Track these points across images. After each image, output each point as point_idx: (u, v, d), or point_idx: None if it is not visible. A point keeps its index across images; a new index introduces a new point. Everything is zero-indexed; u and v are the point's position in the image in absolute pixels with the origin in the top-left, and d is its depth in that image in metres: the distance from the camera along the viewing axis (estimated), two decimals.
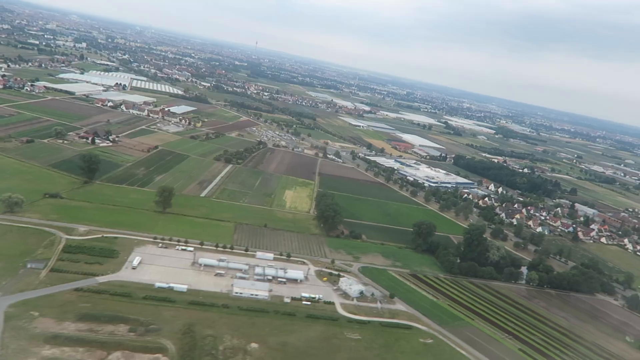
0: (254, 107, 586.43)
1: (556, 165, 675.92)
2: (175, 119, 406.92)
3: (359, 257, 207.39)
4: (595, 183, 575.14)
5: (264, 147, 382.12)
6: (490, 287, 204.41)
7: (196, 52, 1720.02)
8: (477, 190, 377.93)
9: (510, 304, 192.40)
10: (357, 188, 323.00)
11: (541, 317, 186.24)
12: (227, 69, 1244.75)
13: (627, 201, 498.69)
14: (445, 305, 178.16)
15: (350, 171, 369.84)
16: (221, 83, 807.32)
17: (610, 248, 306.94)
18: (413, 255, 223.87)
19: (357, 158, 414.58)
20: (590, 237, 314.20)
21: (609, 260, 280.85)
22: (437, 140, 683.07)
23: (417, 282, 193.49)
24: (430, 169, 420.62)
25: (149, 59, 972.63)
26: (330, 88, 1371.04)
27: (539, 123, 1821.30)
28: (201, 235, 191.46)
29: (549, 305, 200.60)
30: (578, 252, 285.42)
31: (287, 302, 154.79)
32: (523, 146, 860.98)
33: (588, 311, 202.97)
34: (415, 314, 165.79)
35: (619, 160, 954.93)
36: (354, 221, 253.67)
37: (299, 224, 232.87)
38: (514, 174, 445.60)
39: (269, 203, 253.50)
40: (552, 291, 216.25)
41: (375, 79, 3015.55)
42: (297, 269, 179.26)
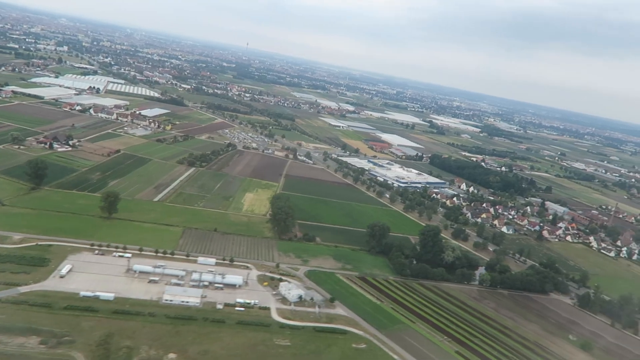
0: (231, 108, 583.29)
1: (537, 163, 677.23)
2: (144, 122, 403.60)
3: (308, 260, 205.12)
4: (574, 180, 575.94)
5: (233, 149, 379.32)
6: (440, 289, 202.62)
7: (184, 54, 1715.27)
8: (447, 190, 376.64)
9: (458, 305, 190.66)
10: (322, 189, 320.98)
11: (488, 318, 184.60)
12: (214, 71, 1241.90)
13: (603, 198, 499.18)
14: (388, 308, 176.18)
15: (319, 172, 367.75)
16: (203, 85, 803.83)
17: (575, 246, 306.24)
18: (366, 258, 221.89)
19: (329, 159, 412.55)
20: (556, 235, 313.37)
21: (571, 258, 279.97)
22: (418, 140, 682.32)
23: (364, 285, 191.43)
24: (402, 169, 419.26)
25: (131, 62, 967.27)
26: (317, 88, 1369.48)
27: (528, 121, 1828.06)
28: (145, 241, 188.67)
29: (498, 306, 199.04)
30: (541, 250, 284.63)
31: (220, 309, 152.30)
32: (506, 144, 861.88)
33: (538, 311, 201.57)
34: (354, 318, 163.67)
35: (603, 157, 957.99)
36: (312, 223, 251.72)
37: (252, 227, 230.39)
38: (488, 173, 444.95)
39: (225, 206, 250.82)
40: (505, 292, 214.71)
41: (368, 78, 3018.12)
42: (238, 273, 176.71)
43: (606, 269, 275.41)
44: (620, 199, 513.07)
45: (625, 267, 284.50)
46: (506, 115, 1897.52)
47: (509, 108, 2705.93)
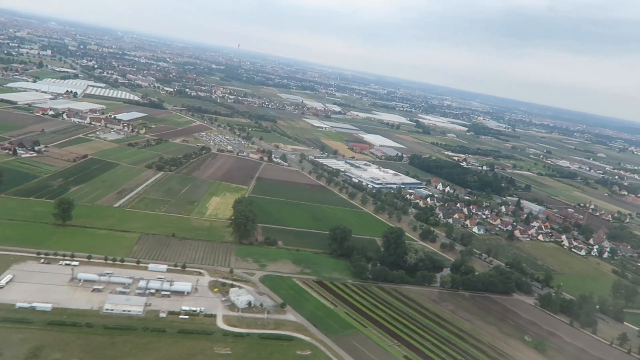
0: (212, 111, 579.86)
1: (521, 161, 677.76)
2: (118, 127, 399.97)
3: (266, 265, 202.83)
4: (556, 178, 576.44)
5: (206, 153, 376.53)
6: (399, 292, 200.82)
7: (173, 57, 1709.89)
8: (422, 191, 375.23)
9: (414, 308, 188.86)
10: (293, 192, 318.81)
11: (444, 321, 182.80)
12: (202, 73, 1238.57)
13: (583, 196, 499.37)
14: (341, 313, 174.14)
15: (293, 174, 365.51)
16: (187, 88, 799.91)
17: (546, 245, 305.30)
18: (328, 261, 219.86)
19: (305, 161, 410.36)
20: (529, 235, 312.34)
21: (540, 258, 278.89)
22: (402, 140, 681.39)
23: (321, 290, 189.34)
24: (378, 170, 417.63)
25: (116, 65, 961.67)
26: (306, 89, 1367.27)
27: (518, 119, 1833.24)
28: (96, 248, 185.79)
29: (457, 308, 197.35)
30: (511, 250, 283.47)
31: (163, 317, 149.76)
32: (493, 143, 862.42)
33: (498, 312, 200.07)
34: (303, 324, 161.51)
35: (590, 155, 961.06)
36: (276, 227, 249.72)
37: (213, 232, 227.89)
38: (466, 172, 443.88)
39: (188, 211, 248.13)
40: (467, 293, 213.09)
41: (360, 78, 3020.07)
42: (189, 280, 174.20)
43: (575, 267, 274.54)
44: (600, 197, 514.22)
45: (594, 265, 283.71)
46: (497, 114, 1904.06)
47: (500, 106, 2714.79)
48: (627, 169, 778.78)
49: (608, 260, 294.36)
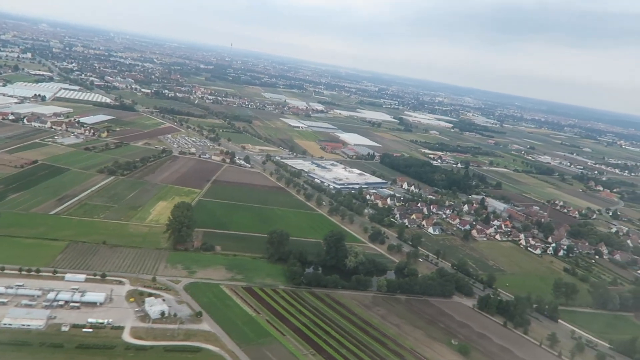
0: (185, 112, 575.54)
1: (500, 158, 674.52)
2: (79, 130, 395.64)
3: (196, 271, 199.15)
4: (532, 175, 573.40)
5: (167, 155, 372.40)
6: (331, 297, 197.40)
7: (163, 57, 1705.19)
8: (384, 190, 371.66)
9: (342, 314, 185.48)
10: (248, 194, 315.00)
11: (370, 327, 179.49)
12: (188, 73, 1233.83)
13: (556, 192, 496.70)
14: (262, 321, 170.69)
15: (253, 176, 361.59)
16: (166, 89, 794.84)
17: (502, 245, 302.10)
18: (264, 266, 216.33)
19: (270, 162, 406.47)
20: (486, 234, 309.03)
21: (492, 258, 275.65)
22: (380, 138, 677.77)
23: (247, 297, 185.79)
24: (344, 170, 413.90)
25: (97, 67, 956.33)
26: (294, 88, 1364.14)
27: (510, 114, 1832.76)
28: (17, 258, 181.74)
29: (388, 312, 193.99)
30: (464, 251, 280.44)
31: (65, 331, 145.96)
32: (475, 139, 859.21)
33: (431, 316, 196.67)
34: (217, 334, 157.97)
35: (575, 149, 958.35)
36: (220, 231, 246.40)
37: (150, 238, 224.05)
38: (435, 171, 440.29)
39: (128, 217, 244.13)
40: (403, 297, 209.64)
41: (354, 76, 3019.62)
42: (108, 289, 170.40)
43: (526, 267, 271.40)
44: (574, 193, 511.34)
45: (547, 264, 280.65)
46: (488, 109, 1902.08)
47: (494, 102, 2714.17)
48: (609, 164, 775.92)
49: (563, 258, 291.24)
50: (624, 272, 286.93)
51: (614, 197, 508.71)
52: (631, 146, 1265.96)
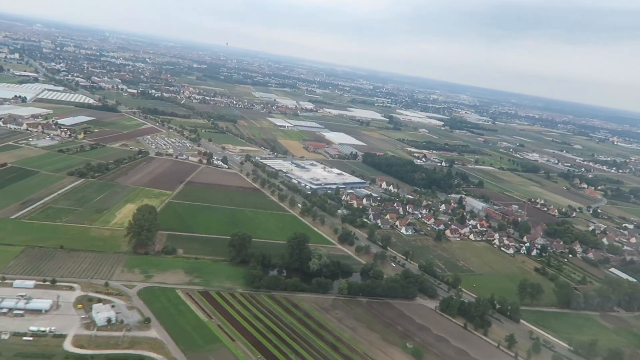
0: (169, 112, 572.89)
1: (487, 156, 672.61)
2: (55, 132, 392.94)
3: (153, 276, 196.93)
4: (517, 173, 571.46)
5: (142, 157, 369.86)
6: (290, 301, 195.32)
7: (157, 56, 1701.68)
8: (362, 190, 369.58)
9: (298, 318, 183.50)
10: (221, 196, 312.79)
11: (325, 330, 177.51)
12: (179, 73, 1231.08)
13: (539, 190, 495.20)
14: (213, 326, 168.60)
15: (229, 177, 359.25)
16: (153, 89, 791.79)
17: (476, 245, 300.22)
18: (225, 270, 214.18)
19: (248, 162, 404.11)
20: (460, 234, 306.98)
21: (463, 258, 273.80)
22: (367, 137, 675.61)
23: (202, 301, 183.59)
24: (323, 170, 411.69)
25: (87, 67, 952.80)
26: (287, 87, 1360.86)
27: (504, 111, 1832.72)
28: None
29: (346, 316, 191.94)
30: (435, 251, 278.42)
31: (4, 340, 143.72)
32: (465, 137, 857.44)
33: (390, 319, 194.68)
34: (164, 340, 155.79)
35: (566, 147, 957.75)
36: (185, 234, 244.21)
37: (111, 241, 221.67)
38: (415, 170, 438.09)
39: (92, 220, 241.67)
40: (365, 300, 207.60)
41: (351, 74, 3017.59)
42: (54, 296, 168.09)
43: (497, 267, 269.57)
44: (557, 191, 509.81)
45: (519, 264, 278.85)
46: (483, 107, 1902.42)
47: (490, 99, 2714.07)
48: (598, 161, 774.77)
49: (535, 258, 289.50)
50: (596, 270, 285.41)
51: (598, 195, 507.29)
52: (623, 143, 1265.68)
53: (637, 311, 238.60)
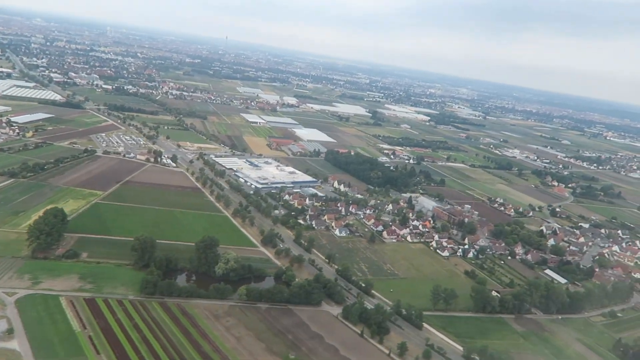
0: (136, 109, 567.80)
1: (463, 152, 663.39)
2: (3, 130, 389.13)
3: (42, 282, 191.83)
4: (488, 170, 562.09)
5: (88, 155, 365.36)
6: (181, 308, 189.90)
7: (151, 51, 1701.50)
8: (309, 190, 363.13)
9: (183, 327, 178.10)
10: (156, 196, 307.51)
11: (206, 339, 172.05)
12: (168, 68, 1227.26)
13: (505, 189, 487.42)
14: (83, 337, 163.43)
15: (173, 176, 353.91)
16: (132, 84, 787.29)
17: (412, 247, 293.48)
18: (126, 274, 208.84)
19: (199, 160, 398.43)
20: (398, 235, 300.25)
21: (392, 261, 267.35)
22: (342, 133, 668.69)
23: (84, 309, 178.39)
24: (275, 168, 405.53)
25: (70, 62, 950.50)
26: (278, 81, 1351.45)
27: (501, 105, 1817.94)
28: None
29: (239, 323, 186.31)
30: (365, 253, 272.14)
31: None
32: (447, 133, 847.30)
33: (285, 326, 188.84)
34: (22, 352, 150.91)
35: (554, 142, 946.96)
36: (99, 237, 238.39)
37: (14, 246, 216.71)
38: (374, 168, 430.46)
39: (3, 223, 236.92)
40: (265, 306, 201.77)
41: (352, 67, 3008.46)
42: None
43: (425, 270, 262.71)
44: (524, 189, 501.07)
45: (451, 267, 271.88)
46: (480, 101, 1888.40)
47: (492, 92, 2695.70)
48: (580, 157, 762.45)
49: (471, 260, 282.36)
50: (531, 272, 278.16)
51: (566, 193, 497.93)
52: (618, 138, 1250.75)
53: (556, 314, 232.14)
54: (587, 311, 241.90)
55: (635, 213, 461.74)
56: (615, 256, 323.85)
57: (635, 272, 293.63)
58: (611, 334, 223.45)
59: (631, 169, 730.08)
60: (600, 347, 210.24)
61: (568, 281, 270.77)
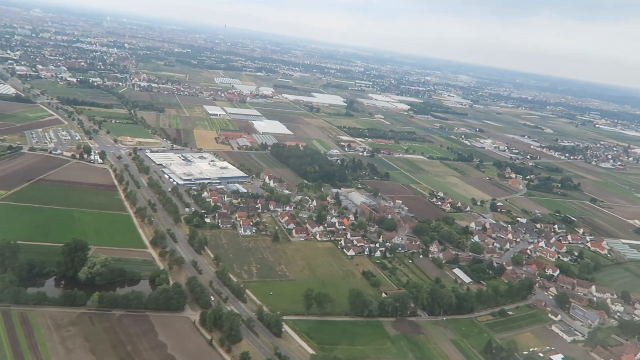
0: (89, 102, 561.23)
1: (428, 143, 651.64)
2: None
3: None
4: (445, 162, 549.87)
5: (10, 152, 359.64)
6: (23, 317, 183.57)
7: (141, 41, 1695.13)
8: (233, 186, 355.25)
9: (14, 338, 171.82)
10: (64, 195, 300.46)
11: (34, 352, 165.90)
12: (151, 58, 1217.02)
13: (456, 182, 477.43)
14: None
15: (93, 173, 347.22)
16: (102, 76, 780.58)
17: (319, 246, 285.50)
18: None
19: (129, 156, 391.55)
20: (308, 234, 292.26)
21: (288, 262, 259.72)
22: (305, 125, 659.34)
23: None
24: (207, 163, 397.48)
25: (47, 54, 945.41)
26: (261, 71, 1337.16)
27: (495, 93, 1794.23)
28: None
29: (79, 333, 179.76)
30: (263, 254, 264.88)
31: None
32: (421, 123, 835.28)
33: (130, 335, 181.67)
34: None
35: (536, 131, 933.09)
36: None
37: None
38: (313, 162, 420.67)
39: None
40: (120, 312, 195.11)
41: (353, 55, 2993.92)
42: None
43: (321, 271, 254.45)
44: (477, 182, 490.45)
45: (352, 267, 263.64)
46: (478, 88, 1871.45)
47: (493, 79, 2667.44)
48: (554, 147, 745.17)
49: (378, 259, 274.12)
50: (439, 271, 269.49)
51: (520, 185, 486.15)
52: (609, 125, 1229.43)
53: (443, 315, 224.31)
54: (478, 311, 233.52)
55: (586, 205, 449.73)
56: (539, 252, 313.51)
57: (549, 269, 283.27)
58: (491, 334, 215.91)
59: (605, 158, 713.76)
60: (473, 349, 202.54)
61: (473, 280, 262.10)
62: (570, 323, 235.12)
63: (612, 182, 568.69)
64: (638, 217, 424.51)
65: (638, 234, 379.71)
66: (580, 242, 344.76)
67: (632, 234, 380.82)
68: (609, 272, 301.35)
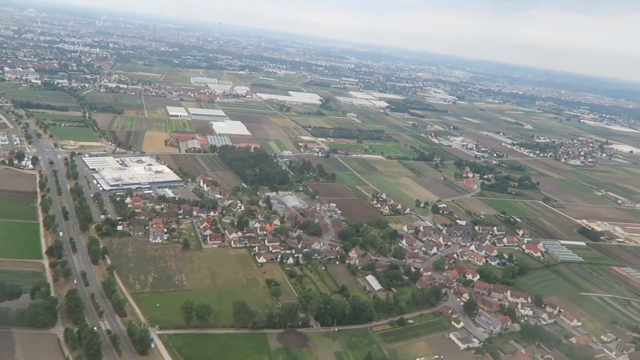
0: (44, 105, 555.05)
1: (393, 142, 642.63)
2: None
3: None
4: (403, 162, 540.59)
5: None
6: None
7: (127, 40, 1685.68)
8: (161, 190, 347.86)
9: None
10: None
11: None
12: (131, 58, 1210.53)
13: (408, 182, 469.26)
14: None
15: (18, 180, 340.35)
16: (70, 77, 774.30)
17: (231, 253, 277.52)
18: None
19: (63, 162, 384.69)
20: (223, 240, 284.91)
21: (191, 271, 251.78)
22: (270, 125, 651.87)
23: None
24: (142, 167, 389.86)
25: (22, 55, 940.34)
26: (245, 69, 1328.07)
27: (485, 88, 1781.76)
28: None
29: None
30: (166, 262, 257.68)
31: None
32: (394, 121, 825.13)
33: None
34: None
35: (515, 127, 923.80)
36: None
37: None
38: (256, 165, 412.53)
39: None
40: None
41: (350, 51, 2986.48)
42: None
43: (223, 280, 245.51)
44: (429, 182, 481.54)
45: (259, 275, 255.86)
46: (469, 84, 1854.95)
47: (489, 74, 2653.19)
48: (527, 145, 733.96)
49: (289, 266, 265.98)
50: (351, 278, 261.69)
51: (474, 185, 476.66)
52: (595, 120, 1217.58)
53: (336, 325, 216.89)
54: (377, 320, 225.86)
55: (537, 205, 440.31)
56: (467, 256, 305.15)
57: (469, 274, 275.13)
58: (382, 345, 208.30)
59: (577, 155, 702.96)
60: None
61: (383, 288, 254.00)
62: (473, 330, 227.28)
63: (574, 180, 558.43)
64: (587, 217, 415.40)
65: (582, 234, 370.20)
66: (517, 245, 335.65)
67: (576, 234, 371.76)
68: (535, 276, 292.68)
